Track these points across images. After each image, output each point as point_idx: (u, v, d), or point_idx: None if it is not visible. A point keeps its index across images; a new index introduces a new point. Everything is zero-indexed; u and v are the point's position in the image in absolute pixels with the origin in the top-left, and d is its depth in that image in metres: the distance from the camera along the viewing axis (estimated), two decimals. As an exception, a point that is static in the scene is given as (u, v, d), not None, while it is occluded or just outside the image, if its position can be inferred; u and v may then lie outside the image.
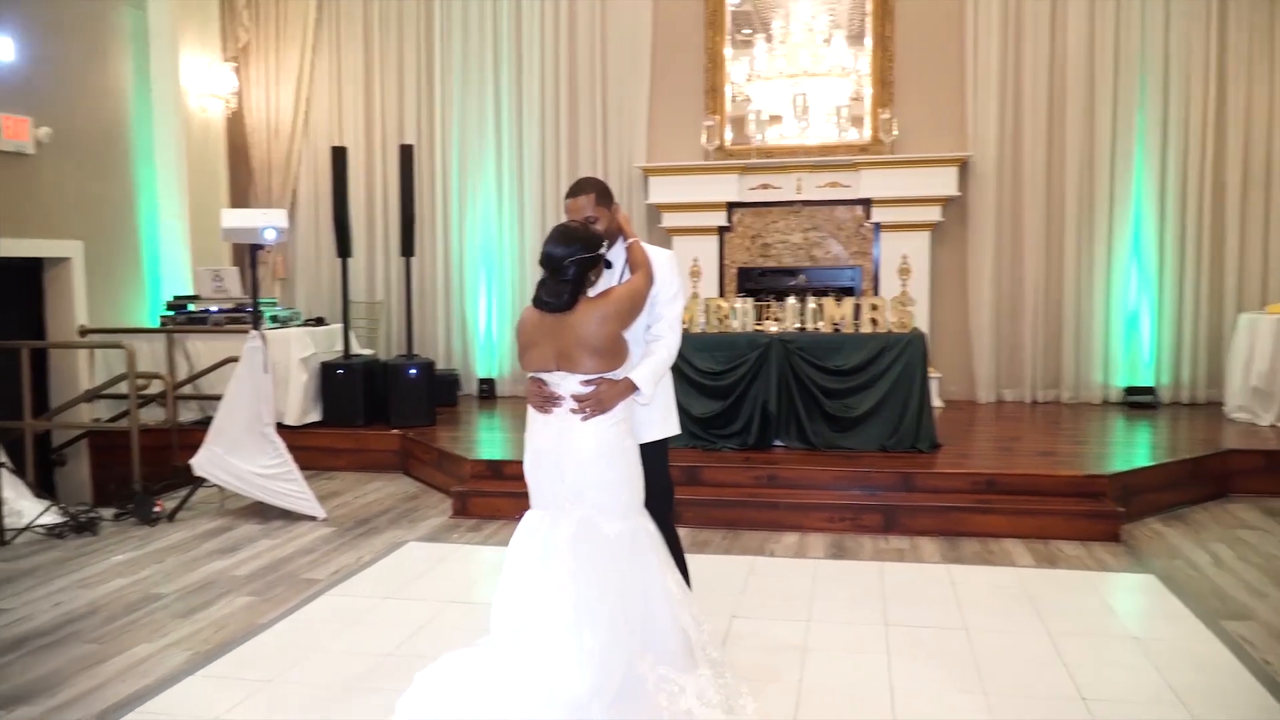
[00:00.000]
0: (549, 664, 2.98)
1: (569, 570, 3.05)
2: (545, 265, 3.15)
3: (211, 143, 9.40)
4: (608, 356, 3.14)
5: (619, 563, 3.11)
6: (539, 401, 3.20)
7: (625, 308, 3.20)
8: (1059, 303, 8.48)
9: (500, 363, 9.38)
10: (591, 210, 3.38)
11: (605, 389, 3.14)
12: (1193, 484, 6.22)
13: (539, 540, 3.17)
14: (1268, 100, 8.09)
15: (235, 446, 6.12)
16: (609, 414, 3.15)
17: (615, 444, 3.17)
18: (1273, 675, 3.65)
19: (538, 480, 3.25)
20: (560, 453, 3.15)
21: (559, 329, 3.13)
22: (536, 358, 3.19)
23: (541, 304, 3.16)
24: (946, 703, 3.47)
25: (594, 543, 3.10)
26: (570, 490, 3.14)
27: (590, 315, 3.13)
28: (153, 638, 4.16)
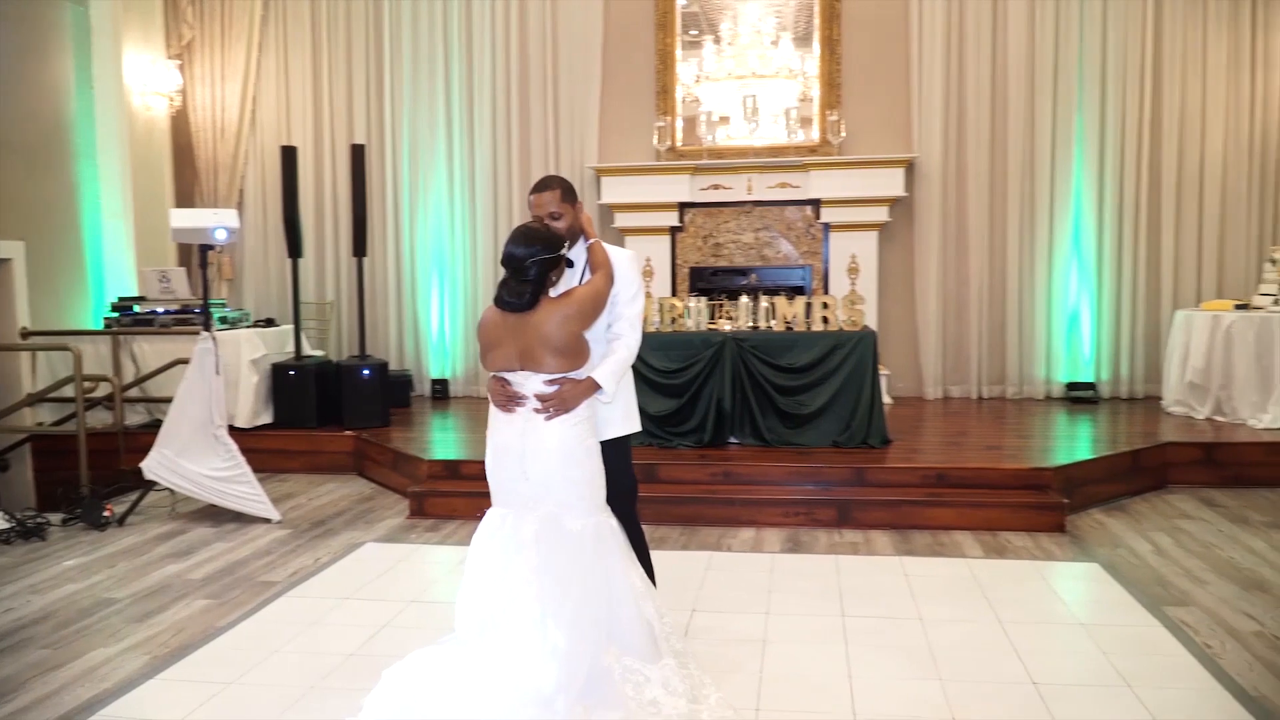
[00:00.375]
0: (515, 661, 3.02)
1: (533, 567, 3.10)
2: (507, 265, 3.18)
3: (155, 141, 9.26)
4: (570, 356, 3.18)
5: (583, 558, 3.15)
6: (502, 400, 3.24)
7: (588, 308, 3.24)
8: (1002, 301, 8.68)
9: (453, 363, 9.37)
10: (556, 206, 3.41)
11: (568, 388, 3.18)
12: (1133, 476, 6.41)
13: (502, 538, 3.21)
14: (1200, 104, 8.35)
15: (186, 449, 6.05)
16: (572, 412, 3.19)
17: (578, 442, 3.21)
18: (1214, 658, 3.78)
19: (500, 479, 3.28)
20: (524, 451, 3.19)
21: (521, 329, 3.17)
22: (499, 357, 3.22)
23: (503, 304, 3.19)
24: (904, 690, 3.55)
25: (558, 539, 3.14)
26: (534, 488, 3.18)
27: (552, 315, 3.17)
28: (109, 642, 4.12)
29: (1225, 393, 7.33)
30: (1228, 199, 8.38)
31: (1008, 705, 3.42)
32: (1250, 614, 4.26)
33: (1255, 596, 4.48)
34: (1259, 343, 7.15)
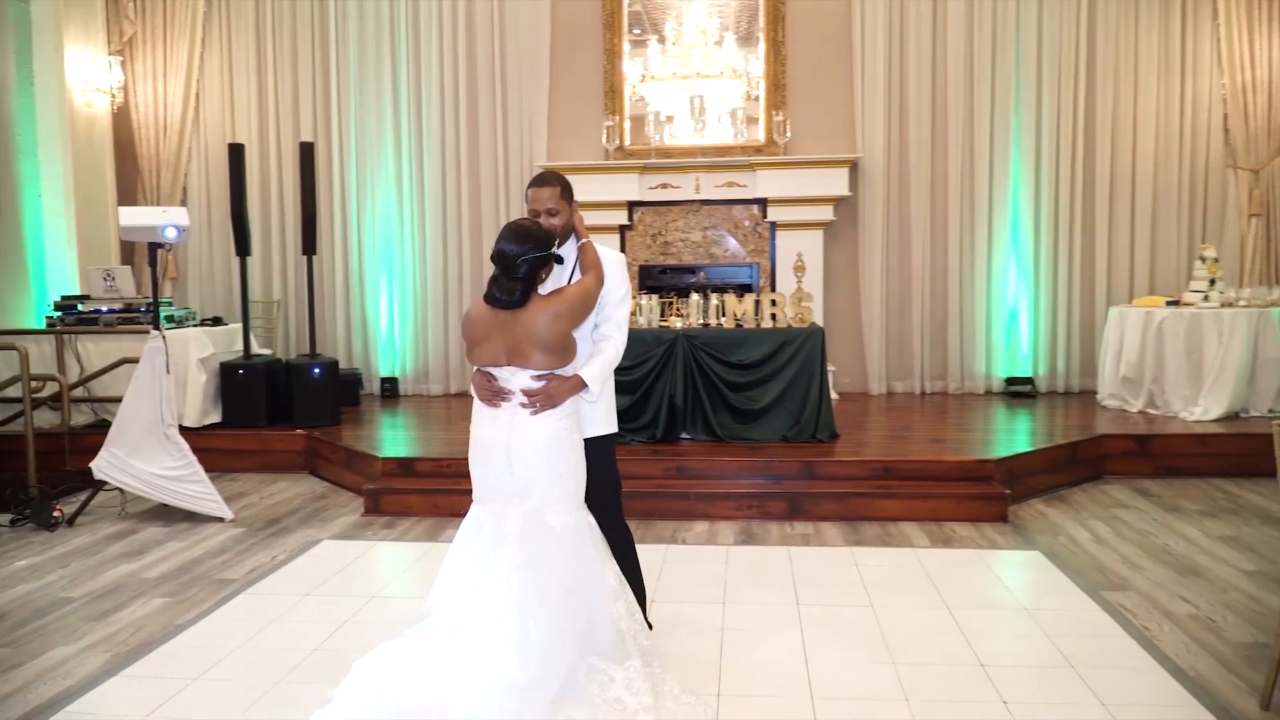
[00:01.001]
0: (494, 654, 3.06)
1: (515, 564, 3.14)
2: (498, 262, 3.21)
3: (97, 138, 9.12)
4: (558, 353, 3.23)
5: (564, 555, 3.21)
6: (487, 395, 3.28)
7: (577, 307, 3.29)
8: (944, 298, 8.89)
9: (402, 362, 9.35)
10: (554, 203, 3.43)
11: (555, 385, 3.24)
12: (1071, 467, 6.63)
13: (485, 534, 3.25)
14: (1132, 106, 8.63)
15: (137, 448, 6.00)
16: (558, 408, 3.25)
17: (564, 437, 3.27)
18: (1152, 640, 3.96)
19: (484, 474, 3.32)
20: (510, 445, 3.24)
21: (510, 325, 3.22)
22: (486, 352, 3.26)
23: (494, 300, 3.23)
24: (859, 674, 3.68)
25: (540, 535, 3.19)
26: (519, 483, 3.23)
27: (542, 313, 3.21)
28: (68, 641, 4.10)
29: (1157, 386, 7.60)
30: (1159, 199, 8.67)
31: (958, 686, 3.56)
32: (1185, 598, 4.45)
33: (1189, 581, 4.67)
34: (1189, 338, 7.43)
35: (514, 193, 9.10)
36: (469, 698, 2.98)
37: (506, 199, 9.12)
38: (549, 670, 3.06)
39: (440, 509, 6.06)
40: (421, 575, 4.94)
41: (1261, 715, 3.30)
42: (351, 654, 3.71)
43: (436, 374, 9.32)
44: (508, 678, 3.01)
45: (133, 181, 9.45)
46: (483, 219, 9.20)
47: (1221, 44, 8.41)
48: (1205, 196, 8.66)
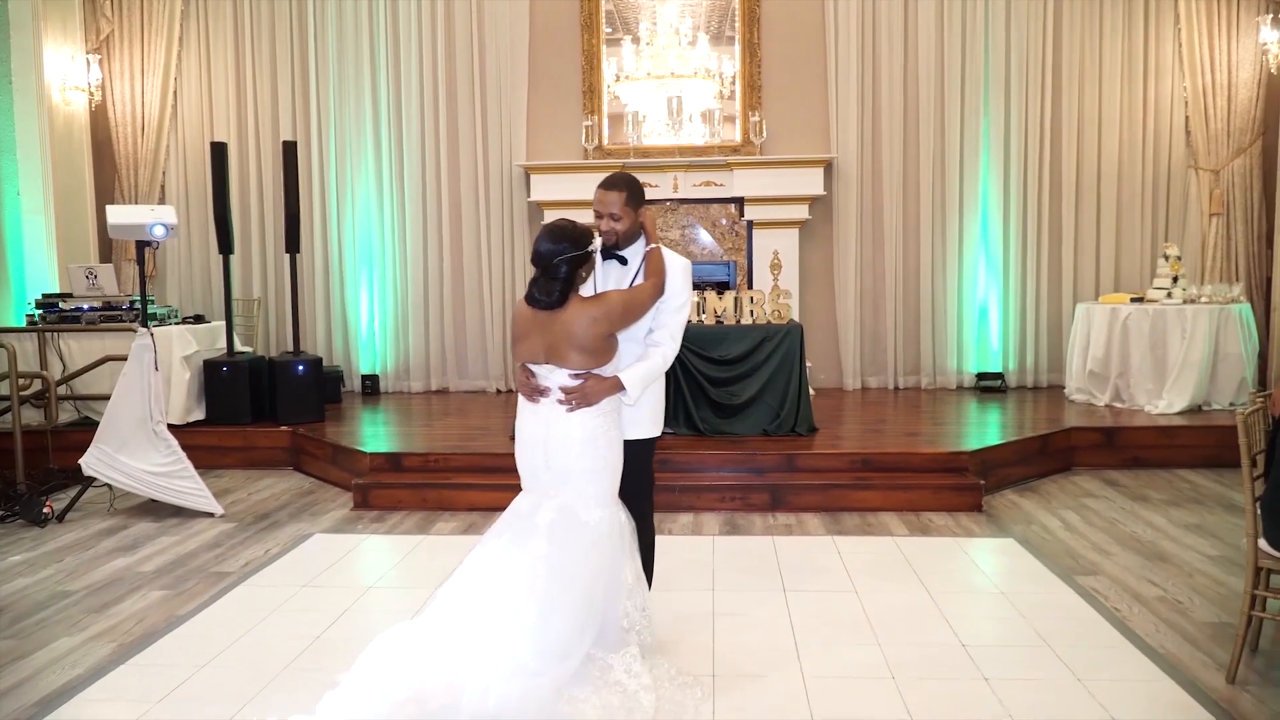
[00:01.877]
0: (508, 640, 3.15)
1: (541, 554, 3.24)
2: (536, 263, 3.29)
3: (75, 137, 9.11)
4: (595, 355, 3.32)
5: (593, 550, 3.31)
6: (527, 391, 3.38)
7: (617, 313, 3.35)
8: (916, 295, 9.09)
9: (383, 359, 9.42)
10: (618, 208, 3.46)
11: (592, 385, 3.33)
12: (1041, 459, 6.84)
13: (518, 522, 3.35)
14: (1097, 109, 8.87)
15: (125, 445, 6.05)
16: (596, 406, 3.34)
17: (600, 434, 3.36)
18: (1123, 621, 4.14)
19: (524, 465, 3.44)
20: (548, 440, 3.34)
21: (549, 325, 3.31)
22: (526, 350, 3.36)
23: (534, 301, 3.31)
24: (846, 654, 3.83)
25: (571, 530, 3.29)
26: (554, 477, 3.34)
27: (581, 315, 3.30)
28: (71, 632, 4.17)
29: (1123, 381, 7.82)
30: (1123, 198, 8.92)
31: (941, 664, 3.72)
32: (1153, 581, 4.65)
33: (1157, 566, 4.87)
34: (1153, 334, 7.65)
35: (493, 191, 9.20)
36: (479, 679, 3.08)
37: (486, 198, 9.22)
38: (562, 660, 3.17)
39: (429, 503, 6.17)
40: (415, 567, 5.04)
41: (1227, 688, 3.48)
42: (352, 643, 3.86)
43: (417, 371, 9.40)
44: (517, 661, 3.11)
45: (110, 180, 9.45)
46: (462, 218, 9.28)
47: (1182, 48, 8.66)
48: (1168, 196, 8.92)
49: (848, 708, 3.38)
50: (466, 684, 3.08)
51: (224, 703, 3.45)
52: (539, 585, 3.21)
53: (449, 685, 3.09)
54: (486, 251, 9.25)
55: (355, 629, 4.14)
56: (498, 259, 9.25)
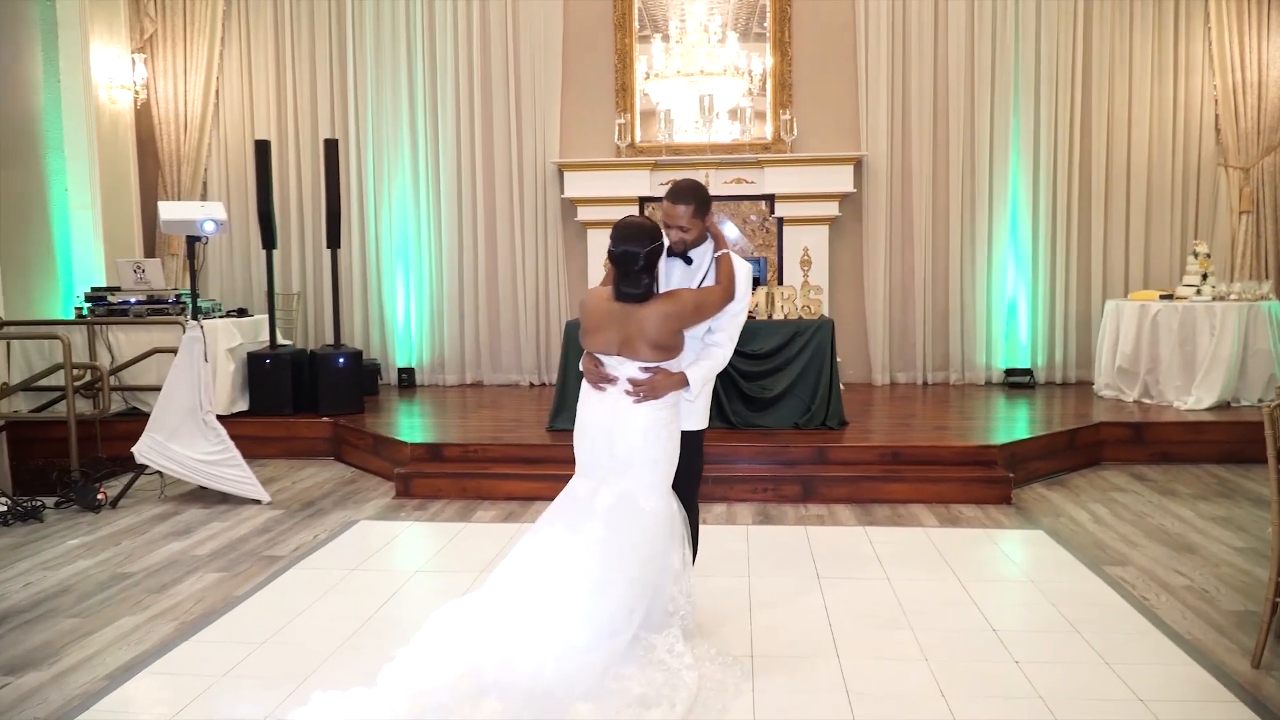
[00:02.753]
0: (561, 619, 3.29)
1: (598, 537, 3.39)
2: (621, 262, 3.42)
3: (121, 134, 9.34)
4: (665, 350, 3.48)
5: (649, 537, 3.46)
6: (594, 378, 3.53)
7: (688, 312, 3.51)
8: (945, 292, 9.18)
9: (419, 352, 9.61)
10: (686, 221, 3.57)
11: (660, 379, 3.48)
12: (1070, 453, 6.92)
13: (576, 505, 3.49)
14: (1127, 106, 8.93)
15: (176, 434, 6.25)
16: (660, 399, 3.49)
17: (663, 426, 3.51)
18: (1151, 609, 4.24)
19: (586, 452, 3.58)
20: (614, 428, 3.49)
21: (625, 318, 3.46)
22: (599, 341, 3.50)
23: (624, 295, 3.45)
24: (880, 635, 3.96)
25: (630, 516, 3.44)
26: (617, 464, 3.49)
27: (656, 311, 3.45)
28: (134, 611, 4.36)
29: (1152, 377, 7.89)
30: (1153, 196, 8.98)
31: (972, 648, 3.84)
32: (1181, 572, 4.75)
33: (1185, 557, 4.97)
34: (1182, 330, 7.72)
35: (527, 188, 9.36)
36: (533, 656, 3.22)
37: (520, 194, 9.37)
38: (611, 639, 3.31)
39: (468, 492, 6.33)
40: (458, 552, 5.20)
41: (1252, 673, 3.58)
42: (403, 622, 4.04)
43: (452, 364, 9.58)
44: (570, 640, 3.25)
45: (153, 176, 9.67)
46: (496, 214, 9.45)
47: (1213, 46, 8.71)
48: (1197, 194, 8.97)
49: (883, 686, 3.51)
50: (521, 660, 3.22)
51: (284, 678, 3.62)
52: (593, 567, 3.35)
53: (504, 661, 3.23)
54: (520, 247, 9.42)
55: (405, 609, 4.31)
56: (531, 254, 9.42)
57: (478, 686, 3.09)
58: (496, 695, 3.06)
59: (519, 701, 3.07)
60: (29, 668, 3.76)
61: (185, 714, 3.34)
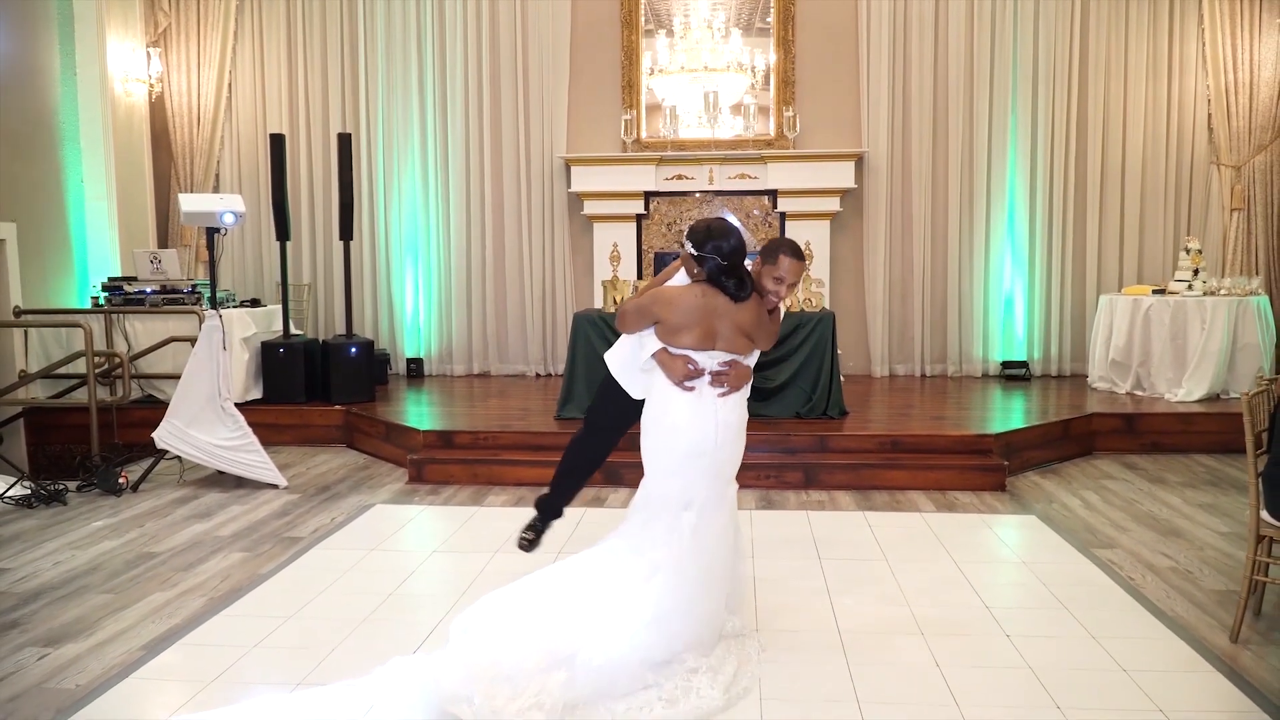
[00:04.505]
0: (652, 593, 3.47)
1: (692, 526, 3.53)
2: (734, 258, 3.52)
3: (135, 127, 9.52)
4: (765, 339, 3.68)
5: (731, 526, 3.70)
6: (688, 374, 3.54)
7: (771, 331, 3.73)
8: (944, 286, 9.38)
9: (427, 343, 9.80)
10: (797, 277, 3.64)
11: (744, 369, 3.61)
12: (1064, 443, 7.12)
13: (672, 501, 3.59)
14: (1122, 105, 9.12)
15: (195, 420, 6.43)
16: (742, 392, 3.65)
17: (745, 418, 3.70)
18: (1137, 588, 4.44)
19: (686, 449, 3.58)
20: (717, 424, 3.56)
21: (732, 313, 3.55)
22: (691, 338, 3.54)
23: (734, 294, 3.54)
24: (880, 612, 4.16)
25: (718, 508, 3.62)
26: (724, 456, 3.61)
27: (753, 306, 3.59)
28: (164, 588, 4.55)
29: (1144, 369, 8.09)
30: (1146, 193, 9.18)
31: (966, 623, 4.04)
32: (1166, 554, 4.94)
33: (1171, 541, 5.16)
34: (1174, 324, 7.91)
35: (535, 182, 9.54)
36: (608, 637, 3.37)
37: (527, 188, 9.56)
38: (698, 624, 3.53)
39: (479, 478, 6.52)
40: (472, 534, 5.40)
41: (1230, 647, 3.78)
42: (424, 599, 4.27)
43: (460, 355, 9.77)
44: (657, 618, 3.43)
45: (166, 169, 9.85)
46: (504, 207, 9.64)
47: (1206, 47, 8.90)
48: (1190, 192, 9.17)
49: (880, 656, 3.71)
50: (599, 638, 3.36)
51: (314, 647, 3.81)
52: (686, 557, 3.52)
53: (580, 639, 3.36)
54: (528, 240, 9.60)
55: (425, 587, 4.51)
56: (538, 247, 9.60)
57: (549, 661, 3.27)
58: (566, 668, 3.25)
59: (593, 672, 3.26)
60: (66, 640, 3.95)
61: (222, 680, 3.54)
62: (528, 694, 3.14)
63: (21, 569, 4.83)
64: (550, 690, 3.14)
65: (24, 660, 3.74)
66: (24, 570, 4.81)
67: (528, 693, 3.14)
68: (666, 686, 3.31)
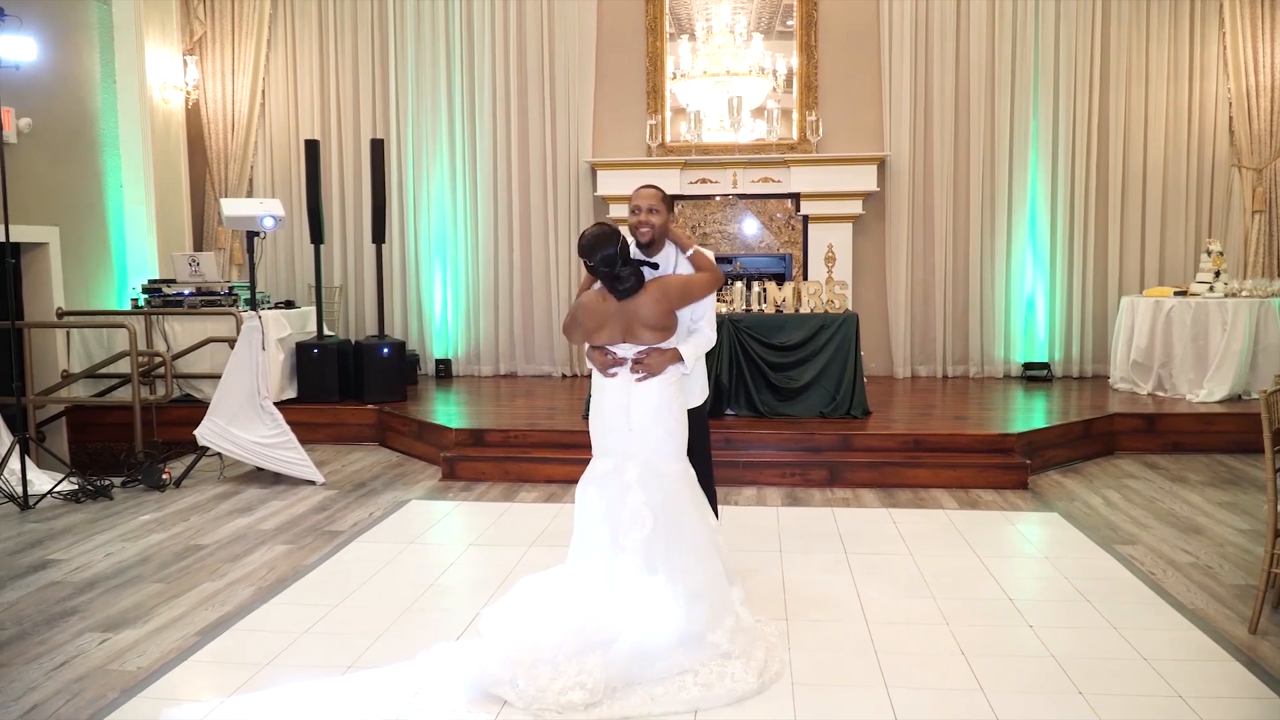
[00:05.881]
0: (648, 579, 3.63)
1: (642, 501, 3.72)
2: (604, 266, 3.74)
3: (173, 133, 9.73)
4: (663, 330, 3.83)
5: (679, 497, 3.81)
6: (604, 365, 3.85)
7: (675, 291, 3.86)
8: (965, 288, 9.48)
9: (455, 344, 9.97)
10: (656, 203, 3.98)
11: (655, 355, 3.82)
12: (1085, 442, 7.22)
13: (610, 481, 3.81)
14: (1143, 109, 9.21)
15: (235, 418, 6.63)
16: (666, 375, 3.84)
17: (673, 399, 3.87)
18: (1157, 583, 4.55)
19: (605, 431, 3.90)
20: (629, 406, 3.83)
21: (622, 311, 3.80)
22: (605, 336, 3.84)
23: (620, 293, 3.77)
24: (905, 604, 4.29)
25: (658, 480, 3.78)
26: (636, 437, 3.81)
27: (649, 298, 3.79)
28: (213, 578, 4.72)
29: (1165, 370, 8.17)
30: (1168, 196, 9.26)
31: (989, 614, 4.16)
32: (1187, 550, 5.04)
33: (1191, 538, 5.26)
34: (1195, 326, 7.99)
35: (561, 186, 9.70)
36: (633, 622, 3.54)
37: (554, 192, 9.72)
38: (702, 585, 3.67)
39: (510, 475, 6.68)
40: (506, 529, 5.55)
41: (1249, 638, 3.89)
42: (463, 589, 4.43)
43: (487, 356, 9.95)
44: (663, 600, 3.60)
45: (202, 174, 10.06)
46: (531, 211, 9.80)
47: (1227, 51, 8.98)
48: (1211, 194, 9.25)
49: (906, 645, 3.83)
50: (625, 624, 3.54)
51: (359, 635, 3.97)
52: (649, 527, 3.68)
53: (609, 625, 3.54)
54: (554, 243, 9.77)
55: (462, 579, 4.67)
56: (564, 250, 9.76)
57: (585, 644, 3.43)
58: (602, 651, 3.41)
59: (623, 656, 3.41)
60: (123, 626, 4.13)
61: (275, 664, 3.70)
62: (568, 674, 3.31)
63: (75, 560, 5.01)
64: (590, 671, 3.31)
65: (85, 645, 3.92)
66: (77, 561, 4.99)
67: (568, 674, 3.31)
68: (702, 672, 3.45)
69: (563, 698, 3.24)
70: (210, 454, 6.78)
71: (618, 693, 3.34)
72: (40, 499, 6.10)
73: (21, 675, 3.64)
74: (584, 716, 3.22)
